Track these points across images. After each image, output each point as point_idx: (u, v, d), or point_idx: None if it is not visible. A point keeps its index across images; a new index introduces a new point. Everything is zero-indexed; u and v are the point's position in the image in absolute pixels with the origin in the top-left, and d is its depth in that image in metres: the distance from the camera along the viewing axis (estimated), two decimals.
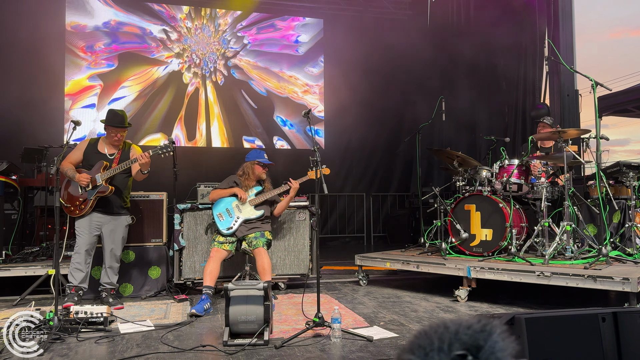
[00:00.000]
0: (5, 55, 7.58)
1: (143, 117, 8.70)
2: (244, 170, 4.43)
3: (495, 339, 0.48)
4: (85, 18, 8.55)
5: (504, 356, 0.46)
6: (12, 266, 4.59)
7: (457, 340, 0.48)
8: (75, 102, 8.48)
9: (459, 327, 0.49)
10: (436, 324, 0.51)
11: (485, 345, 0.47)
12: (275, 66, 9.51)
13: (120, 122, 4.18)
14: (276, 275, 4.79)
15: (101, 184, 4.02)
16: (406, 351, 0.49)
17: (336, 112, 9.53)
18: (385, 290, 4.79)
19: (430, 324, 0.51)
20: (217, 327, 3.45)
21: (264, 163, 4.41)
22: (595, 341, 1.94)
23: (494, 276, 4.04)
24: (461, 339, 0.48)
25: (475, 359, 0.46)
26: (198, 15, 9.17)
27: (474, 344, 0.48)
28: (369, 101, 9.18)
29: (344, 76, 9.13)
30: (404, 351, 0.50)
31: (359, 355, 2.73)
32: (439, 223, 5.08)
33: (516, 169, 4.75)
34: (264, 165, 4.42)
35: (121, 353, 2.84)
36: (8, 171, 4.99)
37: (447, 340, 0.48)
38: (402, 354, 0.49)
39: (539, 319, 1.83)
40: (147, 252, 4.74)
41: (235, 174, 4.48)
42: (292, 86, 9.61)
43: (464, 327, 0.49)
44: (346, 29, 9.45)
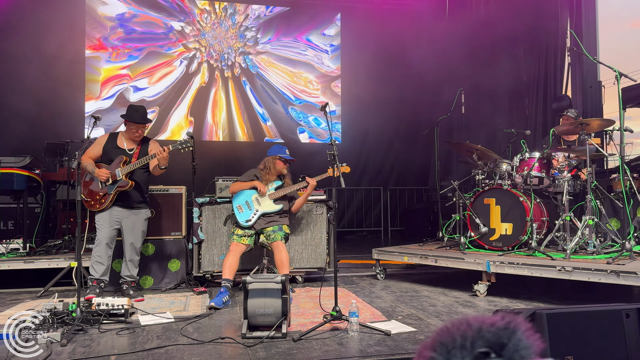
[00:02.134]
0: (27, 52, 7.70)
1: (161, 112, 8.79)
2: (265, 165, 4.46)
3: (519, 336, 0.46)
4: (103, 13, 8.65)
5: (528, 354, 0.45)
6: (35, 258, 4.70)
7: (480, 337, 0.47)
8: (95, 97, 8.60)
9: (482, 325, 0.48)
10: (458, 321, 0.50)
11: (509, 343, 0.46)
12: (291, 60, 9.50)
13: (141, 117, 4.23)
14: (294, 268, 4.81)
15: (121, 178, 4.07)
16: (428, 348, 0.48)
17: (353, 105, 9.49)
18: (402, 285, 4.77)
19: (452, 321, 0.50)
20: (236, 320, 3.47)
21: (285, 158, 4.43)
22: (619, 337, 1.91)
23: (514, 271, 3.99)
24: (484, 337, 0.47)
25: (499, 357, 0.45)
26: (215, 10, 9.20)
27: (498, 342, 0.47)
28: (387, 94, 9.11)
29: (361, 69, 9.08)
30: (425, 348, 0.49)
31: (377, 349, 2.73)
32: (458, 217, 5.03)
33: (537, 162, 4.67)
34: (285, 161, 4.44)
35: (142, 344, 2.88)
36: (31, 165, 5.09)
37: (470, 338, 0.47)
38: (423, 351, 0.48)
39: (560, 314, 1.80)
40: (166, 245, 4.80)
41: (256, 168, 4.51)
42: (309, 80, 9.59)
43: (487, 325, 0.48)
44: (363, 22, 9.39)
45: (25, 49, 7.60)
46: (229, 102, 9.21)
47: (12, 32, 7.54)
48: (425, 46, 8.69)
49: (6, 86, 7.27)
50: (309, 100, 9.56)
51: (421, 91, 9.36)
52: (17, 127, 7.42)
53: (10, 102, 7.29)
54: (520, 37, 7.82)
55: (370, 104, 9.18)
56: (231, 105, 9.22)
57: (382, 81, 9.03)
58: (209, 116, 9.11)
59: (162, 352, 2.75)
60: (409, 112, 9.61)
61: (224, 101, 9.19)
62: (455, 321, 0.50)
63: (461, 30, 8.81)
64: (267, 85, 9.38)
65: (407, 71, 9.35)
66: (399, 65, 9.30)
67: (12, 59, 7.51)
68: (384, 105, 9.19)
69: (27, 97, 7.34)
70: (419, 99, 9.46)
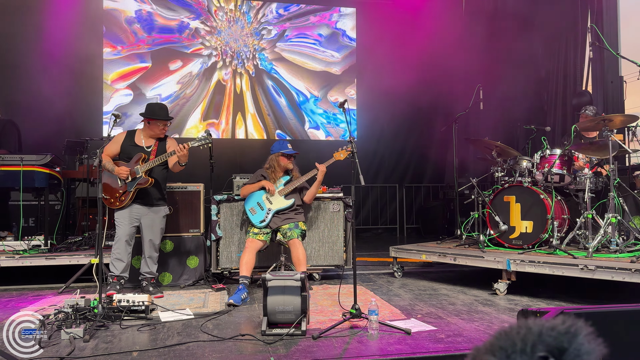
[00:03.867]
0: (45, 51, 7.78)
1: (177, 110, 8.84)
2: (269, 164, 4.46)
3: (580, 341, 0.45)
4: (121, 12, 8.72)
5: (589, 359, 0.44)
6: (57, 255, 4.76)
7: (540, 342, 0.45)
8: (113, 96, 8.68)
9: (542, 328, 0.47)
10: (517, 325, 0.48)
11: (569, 347, 0.45)
12: (307, 57, 9.48)
13: (165, 115, 4.26)
14: (311, 266, 4.81)
15: (141, 175, 4.10)
16: (486, 352, 0.46)
17: (368, 102, 9.45)
18: (420, 283, 4.74)
19: (510, 325, 0.48)
20: (255, 317, 3.48)
21: (288, 153, 4.40)
22: None
23: (534, 269, 3.94)
24: (545, 341, 0.46)
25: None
26: (231, 9, 9.22)
27: (558, 346, 0.45)
28: (403, 90, 9.01)
29: (377, 66, 9.03)
30: (482, 352, 0.47)
31: (397, 348, 2.71)
32: (477, 215, 4.98)
33: (558, 159, 4.59)
34: (288, 156, 4.41)
35: (163, 341, 2.90)
36: (52, 163, 5.16)
37: (530, 342, 0.45)
38: (480, 355, 0.47)
39: (589, 314, 1.76)
40: (185, 242, 4.83)
41: (263, 168, 4.51)
42: (325, 77, 9.56)
43: (548, 329, 0.47)
44: (379, 18, 9.33)
45: (43, 48, 7.69)
46: (244, 100, 9.23)
47: (31, 31, 7.63)
48: (441, 42, 8.61)
49: (26, 86, 7.37)
50: (324, 97, 9.53)
51: (437, 87, 9.26)
52: (37, 125, 7.52)
53: (30, 101, 7.39)
54: (538, 33, 7.69)
55: (385, 101, 9.13)
56: (247, 103, 9.24)
57: (397, 77, 8.93)
58: (224, 114, 9.14)
59: (183, 348, 2.76)
60: (425, 109, 9.51)
61: (240, 99, 9.21)
62: (513, 325, 0.48)
63: (478, 26, 8.71)
64: (282, 82, 9.38)
65: (423, 67, 9.25)
66: (414, 61, 9.20)
67: (30, 59, 7.61)
68: (400, 102, 9.11)
69: (47, 95, 7.43)
70: (435, 95, 9.36)
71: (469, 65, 8.66)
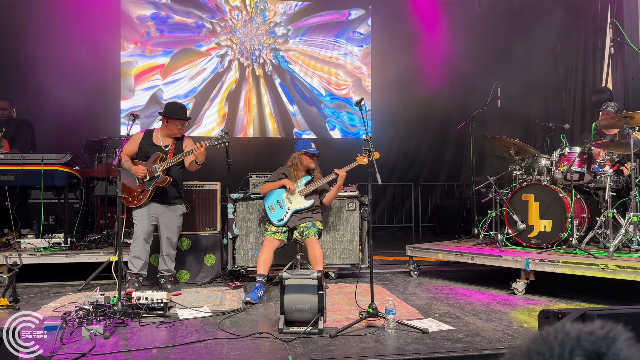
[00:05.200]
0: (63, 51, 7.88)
1: (192, 109, 8.90)
2: (292, 162, 4.46)
3: (619, 346, 0.44)
4: (136, 10, 8.80)
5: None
6: (76, 253, 4.84)
7: (578, 346, 0.45)
8: (129, 95, 8.78)
9: (580, 333, 0.46)
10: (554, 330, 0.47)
11: (608, 352, 0.44)
12: (322, 56, 9.47)
13: (184, 115, 4.31)
14: (326, 264, 4.81)
15: (159, 174, 4.14)
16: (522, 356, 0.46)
17: (383, 100, 9.40)
18: (437, 282, 4.72)
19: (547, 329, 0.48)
20: (271, 315, 3.50)
21: (311, 153, 4.41)
22: None
23: (554, 269, 3.89)
24: (583, 346, 0.45)
25: None
26: (246, 7, 9.25)
27: (596, 351, 0.44)
28: (418, 88, 8.97)
29: (392, 63, 8.97)
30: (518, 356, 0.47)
31: (415, 348, 2.70)
32: (494, 214, 4.93)
33: (578, 157, 4.53)
34: (311, 155, 4.42)
35: (181, 338, 2.93)
36: (71, 162, 5.23)
37: (568, 347, 0.45)
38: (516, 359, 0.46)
39: (614, 315, 1.74)
40: (202, 240, 4.87)
41: (284, 166, 4.52)
42: (340, 75, 9.55)
43: (586, 333, 0.46)
44: (393, 15, 9.28)
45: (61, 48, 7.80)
46: (260, 99, 9.26)
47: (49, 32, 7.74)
48: (457, 38, 8.55)
49: (46, 86, 7.48)
50: (339, 95, 9.52)
51: (453, 85, 9.19)
52: (54, 125, 7.64)
53: (49, 101, 7.50)
54: (556, 28, 7.58)
55: (400, 99, 9.07)
56: (262, 102, 9.27)
57: (413, 75, 8.90)
58: (240, 113, 9.18)
59: (202, 346, 2.79)
60: (441, 107, 9.41)
61: (255, 98, 9.25)
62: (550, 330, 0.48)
63: (495, 21, 8.62)
64: (298, 81, 9.39)
65: (439, 64, 9.20)
66: (430, 59, 9.15)
67: (48, 58, 7.72)
68: (415, 100, 9.05)
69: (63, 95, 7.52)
70: (450, 92, 9.28)
71: (485, 63, 8.58)
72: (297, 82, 9.38)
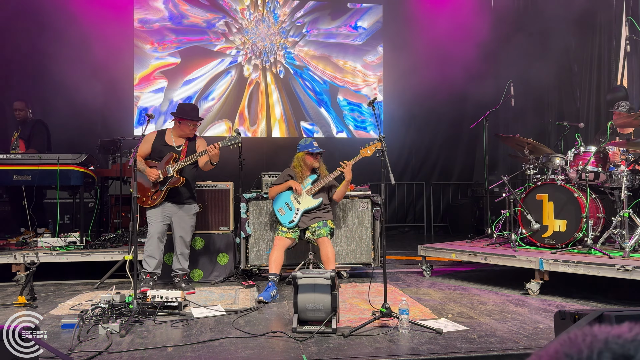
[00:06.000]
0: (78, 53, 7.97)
1: (205, 109, 8.95)
2: (296, 163, 4.46)
3: None
4: (150, 12, 8.88)
5: None
6: (92, 252, 4.90)
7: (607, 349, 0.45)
8: (143, 96, 8.86)
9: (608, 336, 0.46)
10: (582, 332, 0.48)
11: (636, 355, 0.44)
12: (334, 55, 9.47)
13: (196, 115, 4.33)
14: (338, 264, 4.81)
15: (172, 175, 4.18)
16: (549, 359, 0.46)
17: (395, 99, 9.38)
18: (450, 282, 4.70)
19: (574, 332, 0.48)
20: (284, 314, 3.51)
21: (314, 152, 4.39)
22: None
23: (568, 269, 3.86)
24: (611, 349, 0.45)
25: None
26: (257, 7, 9.28)
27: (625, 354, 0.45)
28: (429, 86, 8.92)
29: (404, 62, 8.95)
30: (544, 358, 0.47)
31: (429, 348, 2.70)
32: (508, 213, 4.90)
33: (593, 157, 4.48)
34: (314, 154, 4.40)
35: (196, 337, 2.96)
36: (87, 162, 5.30)
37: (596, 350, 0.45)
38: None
39: (631, 316, 1.72)
40: (215, 240, 4.90)
41: (290, 167, 4.52)
42: (351, 75, 9.54)
43: (614, 336, 0.46)
44: (405, 13, 9.25)
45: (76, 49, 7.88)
46: (271, 98, 9.29)
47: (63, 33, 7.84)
48: (470, 36, 8.48)
49: (60, 87, 7.57)
50: (350, 94, 9.52)
51: (466, 83, 9.12)
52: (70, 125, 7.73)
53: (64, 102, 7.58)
54: (570, 26, 7.50)
55: (412, 98, 9.04)
56: (273, 102, 9.30)
57: (425, 73, 8.84)
58: (252, 112, 9.22)
59: (217, 344, 2.81)
60: (453, 105, 9.37)
61: (267, 97, 9.28)
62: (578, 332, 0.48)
63: (508, 20, 8.55)
64: (309, 80, 9.40)
65: (451, 62, 9.13)
66: (442, 57, 9.09)
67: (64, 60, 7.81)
68: (427, 98, 9.01)
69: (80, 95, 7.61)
70: (463, 91, 9.22)
71: (497, 60, 8.52)
72: (307, 81, 9.39)
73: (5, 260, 4.65)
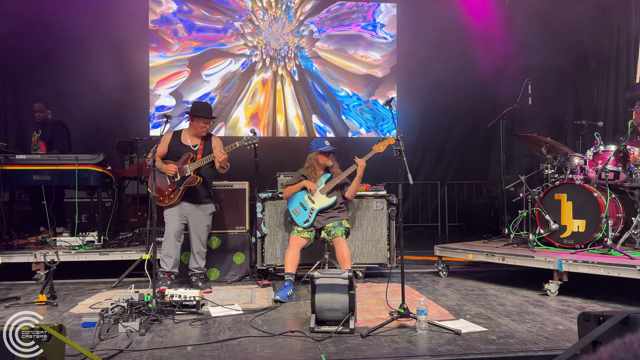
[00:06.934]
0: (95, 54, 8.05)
1: (219, 109, 9.00)
2: (309, 162, 4.47)
3: None
4: (165, 12, 8.95)
5: None
6: (110, 251, 4.96)
7: None
8: (158, 96, 8.93)
9: None
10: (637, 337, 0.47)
11: None
12: (348, 55, 9.46)
13: (208, 113, 4.35)
14: (354, 264, 4.80)
15: (190, 174, 4.21)
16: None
17: (409, 98, 9.34)
18: (467, 283, 4.67)
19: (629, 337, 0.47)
20: (301, 313, 3.52)
21: (326, 151, 4.39)
22: None
23: (588, 270, 3.81)
24: None
25: None
26: (271, 7, 9.30)
27: None
28: (444, 85, 8.86)
29: (418, 60, 8.90)
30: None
31: (448, 349, 2.68)
32: (525, 213, 4.85)
33: (613, 156, 4.41)
34: (327, 153, 4.40)
35: (215, 336, 2.97)
36: (104, 162, 5.36)
37: None
38: None
39: None
40: (231, 239, 4.93)
41: (303, 167, 4.52)
42: (365, 73, 9.52)
43: None
44: (420, 11, 9.19)
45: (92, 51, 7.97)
46: (285, 98, 9.31)
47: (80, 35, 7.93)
48: (485, 35, 8.42)
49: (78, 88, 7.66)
50: (364, 94, 9.50)
51: (481, 81, 9.06)
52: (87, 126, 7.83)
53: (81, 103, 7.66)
54: (588, 23, 7.40)
55: (426, 96, 9.00)
56: (287, 101, 9.31)
57: (439, 72, 8.78)
58: (266, 112, 9.25)
59: (235, 343, 2.82)
60: (467, 104, 9.30)
61: (281, 97, 9.30)
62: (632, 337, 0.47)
63: (523, 17, 8.45)
64: (323, 80, 9.40)
65: (466, 61, 9.06)
66: (457, 55, 9.03)
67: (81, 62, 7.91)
68: (442, 96, 8.95)
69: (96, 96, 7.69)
70: (478, 89, 9.16)
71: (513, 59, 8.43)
72: (321, 81, 9.39)
73: (26, 259, 4.73)
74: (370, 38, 9.54)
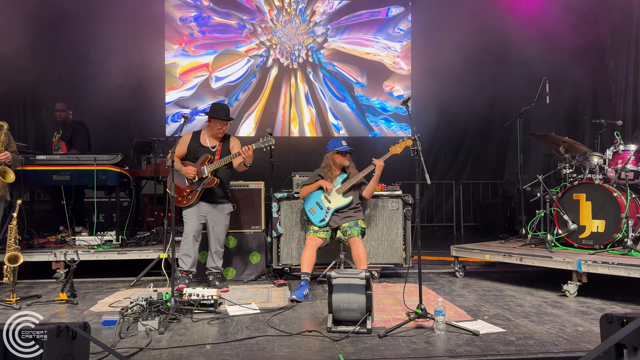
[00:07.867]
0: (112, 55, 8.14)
1: (234, 109, 9.05)
2: (326, 162, 4.47)
3: None
4: (180, 12, 9.03)
5: None
6: (128, 250, 5.02)
7: None
8: (173, 96, 9.01)
9: None
10: None
11: None
12: (361, 54, 9.45)
13: (226, 115, 4.38)
14: (369, 264, 4.79)
15: (207, 175, 4.25)
16: None
17: (424, 97, 9.29)
18: (484, 283, 4.63)
19: None
20: (318, 313, 3.53)
21: (343, 151, 4.39)
22: None
23: (608, 271, 3.76)
24: None
25: None
26: (285, 7, 9.33)
27: None
28: (459, 84, 8.80)
29: (433, 60, 8.86)
30: None
31: (466, 350, 2.67)
32: (543, 213, 4.80)
33: (633, 155, 4.35)
34: (344, 153, 4.40)
35: (233, 335, 3.00)
36: (122, 163, 5.42)
37: None
38: None
39: None
40: (247, 239, 4.96)
41: (320, 167, 4.53)
42: (380, 72, 9.50)
43: None
44: (435, 11, 9.14)
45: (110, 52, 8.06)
46: (299, 98, 9.33)
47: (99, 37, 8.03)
48: (501, 34, 8.33)
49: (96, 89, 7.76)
50: (379, 93, 9.48)
51: (496, 81, 8.97)
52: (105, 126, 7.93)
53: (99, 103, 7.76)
54: (606, 21, 7.29)
55: (441, 96, 8.94)
56: (302, 101, 9.34)
57: (454, 72, 8.72)
58: (280, 112, 9.28)
59: (253, 342, 2.84)
60: (483, 103, 9.21)
61: (295, 97, 9.32)
62: None
63: (540, 16, 8.35)
64: (337, 80, 9.40)
65: (482, 61, 8.99)
66: (472, 55, 8.95)
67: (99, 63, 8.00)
68: (457, 95, 8.89)
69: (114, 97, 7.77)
70: (493, 88, 9.06)
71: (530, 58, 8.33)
72: (335, 81, 9.40)
73: (46, 258, 4.81)
74: (384, 38, 9.51)
